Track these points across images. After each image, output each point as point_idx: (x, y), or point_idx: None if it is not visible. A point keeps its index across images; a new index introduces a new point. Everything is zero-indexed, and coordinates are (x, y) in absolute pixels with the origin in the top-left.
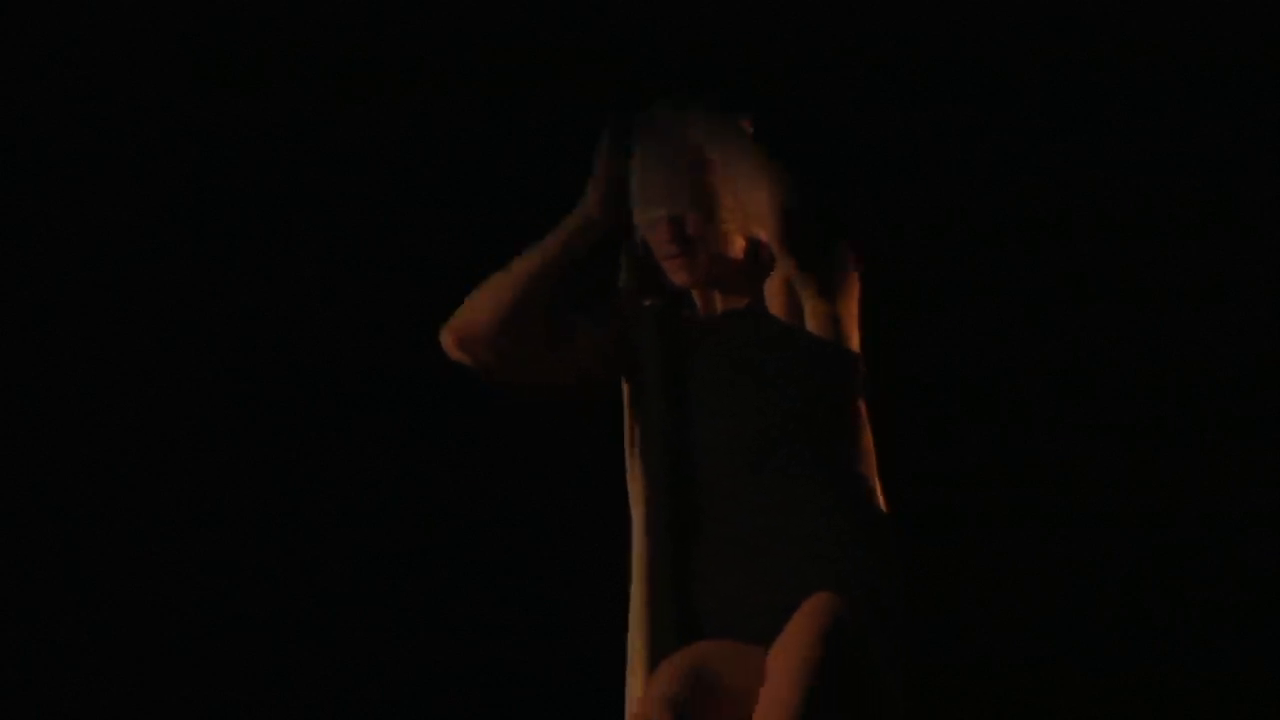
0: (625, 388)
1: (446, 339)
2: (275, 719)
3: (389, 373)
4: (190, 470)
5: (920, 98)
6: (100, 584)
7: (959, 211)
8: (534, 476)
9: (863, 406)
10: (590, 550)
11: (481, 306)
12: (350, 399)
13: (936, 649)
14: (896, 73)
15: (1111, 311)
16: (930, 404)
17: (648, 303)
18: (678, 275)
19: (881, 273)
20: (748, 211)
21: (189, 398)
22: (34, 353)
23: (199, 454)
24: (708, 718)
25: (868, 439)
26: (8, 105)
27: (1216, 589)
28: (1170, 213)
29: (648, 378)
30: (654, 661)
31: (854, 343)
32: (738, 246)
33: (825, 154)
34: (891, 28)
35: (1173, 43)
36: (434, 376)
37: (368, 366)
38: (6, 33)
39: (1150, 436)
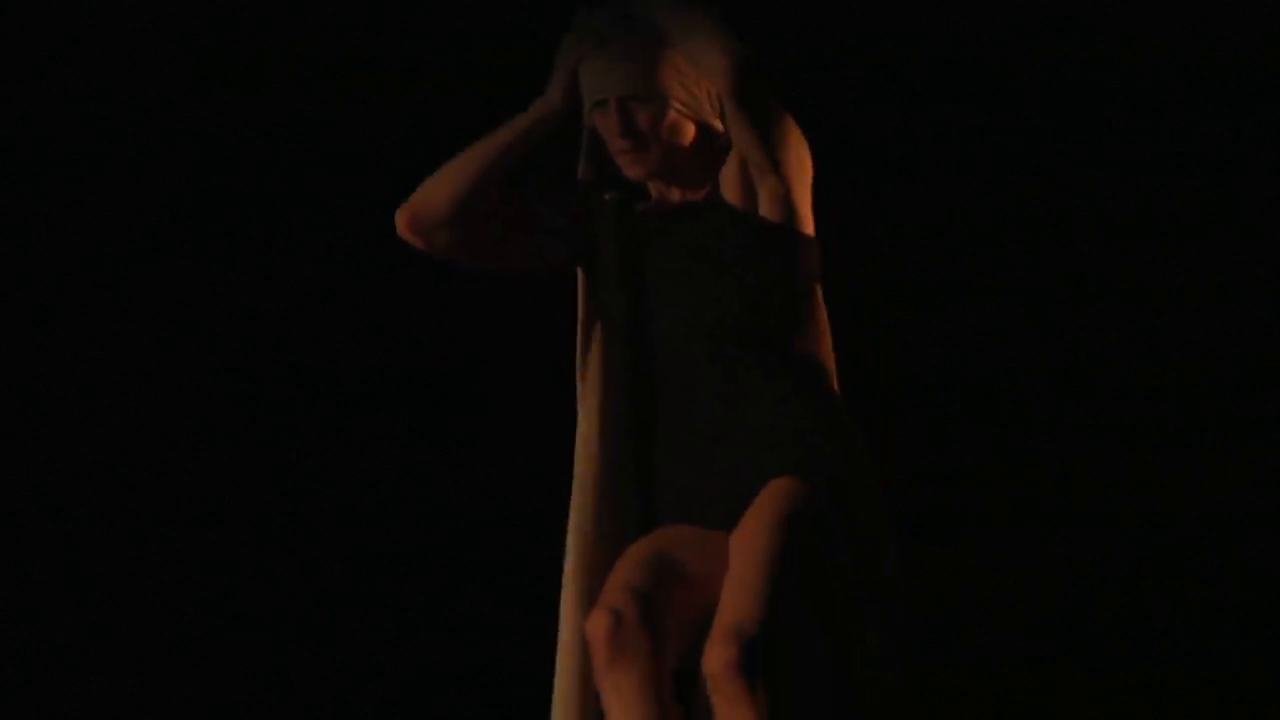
0: (581, 280)
1: (401, 219)
2: (275, 719)
3: (389, 373)
4: (190, 470)
5: (920, 98)
6: (100, 584)
7: (959, 211)
8: (534, 476)
9: (819, 291)
10: None
11: (439, 187)
12: (350, 399)
13: (936, 649)
14: (896, 73)
15: (1111, 311)
16: (930, 404)
17: (607, 196)
18: (631, 169)
19: (881, 273)
20: (701, 68)
21: (189, 398)
22: (34, 353)
23: (199, 454)
24: (672, 601)
25: (824, 324)
26: (8, 105)
27: (1216, 589)
28: (1170, 213)
29: (606, 269)
30: (602, 560)
31: (809, 226)
32: (689, 135)
33: (826, 154)
34: (891, 28)
35: (1173, 43)
36: (434, 376)
37: (368, 366)
38: (6, 33)
39: (1150, 436)
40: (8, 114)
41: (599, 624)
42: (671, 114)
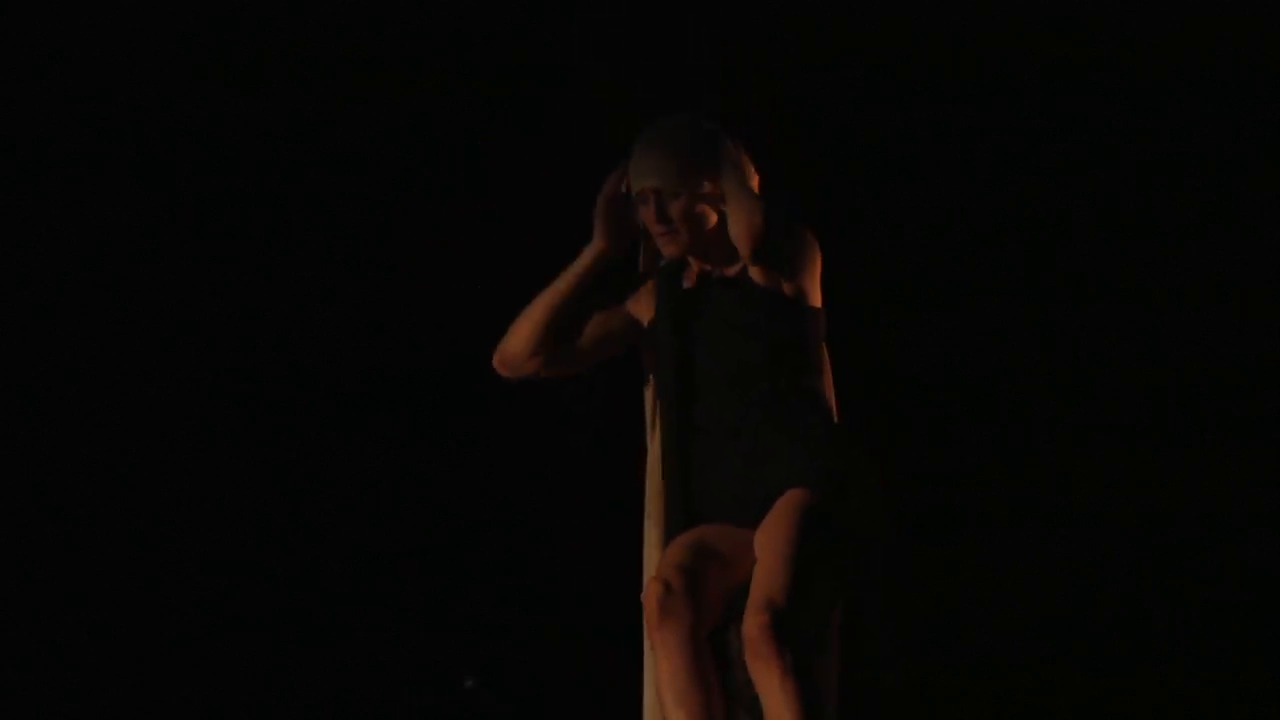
0: (646, 350)
1: (495, 363)
2: (275, 719)
3: (389, 373)
4: (190, 470)
5: (920, 98)
6: (100, 584)
7: (959, 211)
8: (534, 476)
9: (824, 349)
10: (589, 550)
11: (516, 336)
12: (350, 399)
13: (936, 649)
14: (896, 73)
15: (1111, 311)
16: (930, 404)
17: (662, 263)
18: (667, 248)
19: (881, 273)
20: (730, 217)
21: (189, 398)
22: (34, 353)
23: (199, 454)
24: (709, 575)
25: (827, 369)
26: (8, 105)
27: (1216, 589)
28: (1170, 213)
29: (660, 327)
30: (667, 541)
31: (816, 299)
32: (714, 220)
33: (826, 154)
34: (891, 27)
35: (1173, 43)
36: (434, 376)
37: (368, 366)
38: (6, 33)
39: (1150, 436)
40: (8, 114)
41: (652, 592)
42: (700, 204)
